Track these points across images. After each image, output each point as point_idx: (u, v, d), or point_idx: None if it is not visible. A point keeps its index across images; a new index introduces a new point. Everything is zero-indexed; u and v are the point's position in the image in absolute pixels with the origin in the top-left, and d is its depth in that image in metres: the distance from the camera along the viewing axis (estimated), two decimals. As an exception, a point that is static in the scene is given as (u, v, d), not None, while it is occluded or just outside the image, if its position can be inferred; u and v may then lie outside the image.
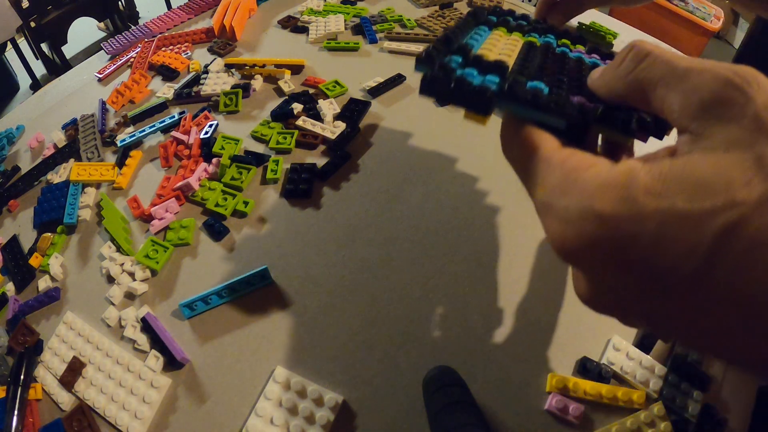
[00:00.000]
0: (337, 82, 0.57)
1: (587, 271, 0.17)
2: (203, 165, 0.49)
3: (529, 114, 0.20)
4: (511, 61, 0.24)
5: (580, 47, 0.28)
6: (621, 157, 0.22)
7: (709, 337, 0.15)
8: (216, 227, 0.43)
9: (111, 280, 0.41)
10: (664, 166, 0.15)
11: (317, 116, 0.53)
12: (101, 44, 0.72)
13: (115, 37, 0.73)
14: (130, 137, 0.53)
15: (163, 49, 0.67)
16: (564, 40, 0.29)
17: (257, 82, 0.58)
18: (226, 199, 0.45)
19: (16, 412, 0.33)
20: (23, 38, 1.83)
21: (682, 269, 0.14)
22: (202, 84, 0.58)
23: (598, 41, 0.65)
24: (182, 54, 0.65)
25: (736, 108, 0.14)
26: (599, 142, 0.23)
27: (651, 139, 0.20)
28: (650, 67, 0.17)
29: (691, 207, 0.14)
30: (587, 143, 0.20)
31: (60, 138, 0.55)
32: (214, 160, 0.49)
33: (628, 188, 0.15)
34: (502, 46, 0.26)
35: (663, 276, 0.14)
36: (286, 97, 0.56)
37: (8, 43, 1.82)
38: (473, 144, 0.50)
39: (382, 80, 0.57)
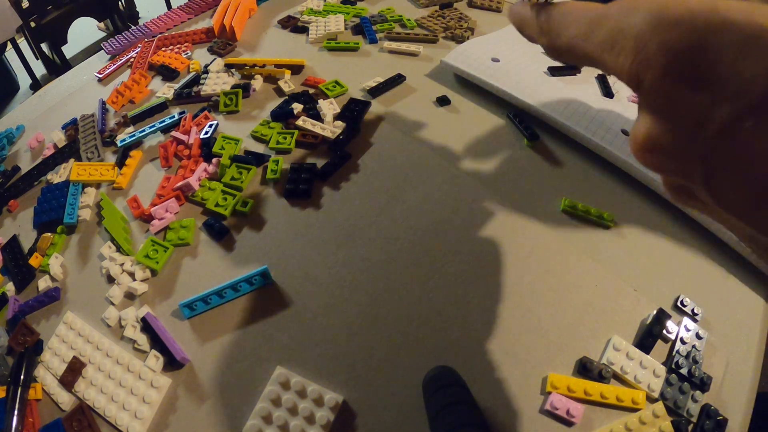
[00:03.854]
0: (337, 82, 0.57)
1: (658, 90, 0.15)
2: (203, 165, 0.49)
3: None
4: None
5: None
6: None
7: None
8: (216, 227, 0.43)
9: (111, 280, 0.41)
10: None
11: (317, 116, 0.53)
12: (101, 44, 0.72)
13: (115, 37, 0.73)
14: (130, 137, 0.53)
15: (163, 49, 0.67)
16: None
17: (257, 82, 0.58)
18: (226, 199, 0.45)
19: (16, 412, 0.33)
20: (23, 38, 1.83)
21: None
22: (202, 84, 0.58)
23: None
24: (182, 54, 0.65)
25: None
26: None
27: None
28: None
29: None
30: None
31: (60, 138, 0.55)
32: (214, 160, 0.49)
33: None
34: None
35: (750, 89, 0.12)
36: (286, 97, 0.56)
37: (8, 43, 1.82)
38: (473, 144, 0.50)
39: (382, 80, 0.57)
